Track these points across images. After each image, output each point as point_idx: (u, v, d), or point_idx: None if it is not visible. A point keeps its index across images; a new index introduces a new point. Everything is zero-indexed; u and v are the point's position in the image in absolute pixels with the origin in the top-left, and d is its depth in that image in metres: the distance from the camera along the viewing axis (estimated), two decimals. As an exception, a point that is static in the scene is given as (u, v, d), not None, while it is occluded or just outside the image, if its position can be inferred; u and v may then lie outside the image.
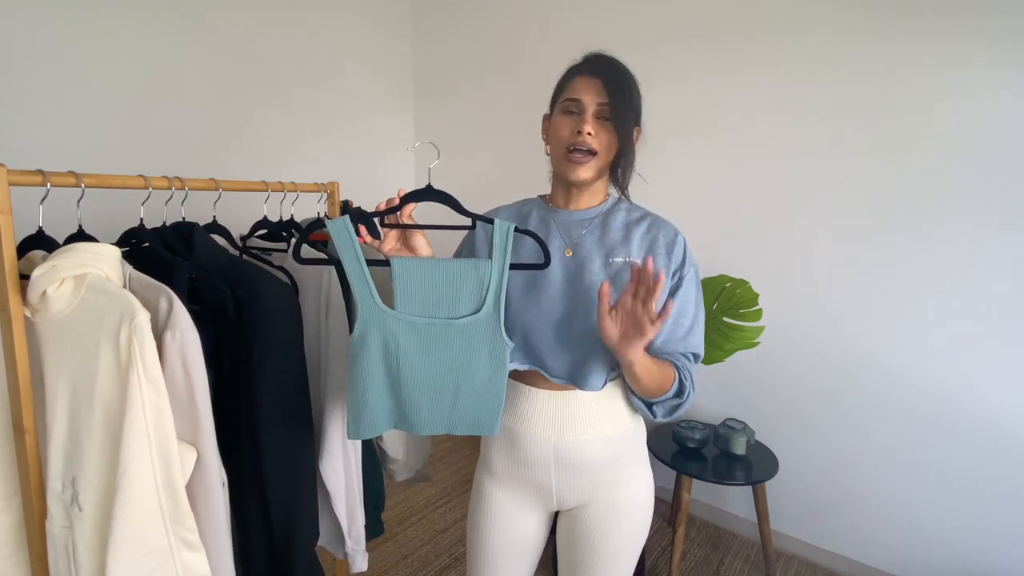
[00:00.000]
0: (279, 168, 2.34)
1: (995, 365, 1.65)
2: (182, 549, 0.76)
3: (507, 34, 2.68)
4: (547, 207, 0.99)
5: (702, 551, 2.08)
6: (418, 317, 0.82)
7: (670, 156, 2.17)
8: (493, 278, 0.82)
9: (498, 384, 0.87)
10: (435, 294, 0.82)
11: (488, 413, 0.88)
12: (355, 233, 0.80)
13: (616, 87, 0.85)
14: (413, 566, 1.93)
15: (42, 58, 1.71)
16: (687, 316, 0.92)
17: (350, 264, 0.80)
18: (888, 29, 1.71)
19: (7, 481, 0.83)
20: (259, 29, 2.29)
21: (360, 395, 0.84)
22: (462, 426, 0.89)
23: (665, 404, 0.91)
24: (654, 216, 0.96)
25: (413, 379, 0.84)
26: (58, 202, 0.91)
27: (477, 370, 0.85)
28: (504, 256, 0.82)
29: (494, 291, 0.82)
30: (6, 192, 0.75)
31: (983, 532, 1.71)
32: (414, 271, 0.81)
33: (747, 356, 1.91)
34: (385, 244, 0.87)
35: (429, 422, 0.87)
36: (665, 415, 0.92)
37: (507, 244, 0.82)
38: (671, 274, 0.91)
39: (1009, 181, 1.58)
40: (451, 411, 0.87)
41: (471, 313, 0.83)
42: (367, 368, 0.83)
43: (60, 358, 0.77)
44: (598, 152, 0.88)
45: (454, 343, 0.84)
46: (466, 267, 0.81)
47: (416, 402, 0.86)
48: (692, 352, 0.93)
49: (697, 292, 0.94)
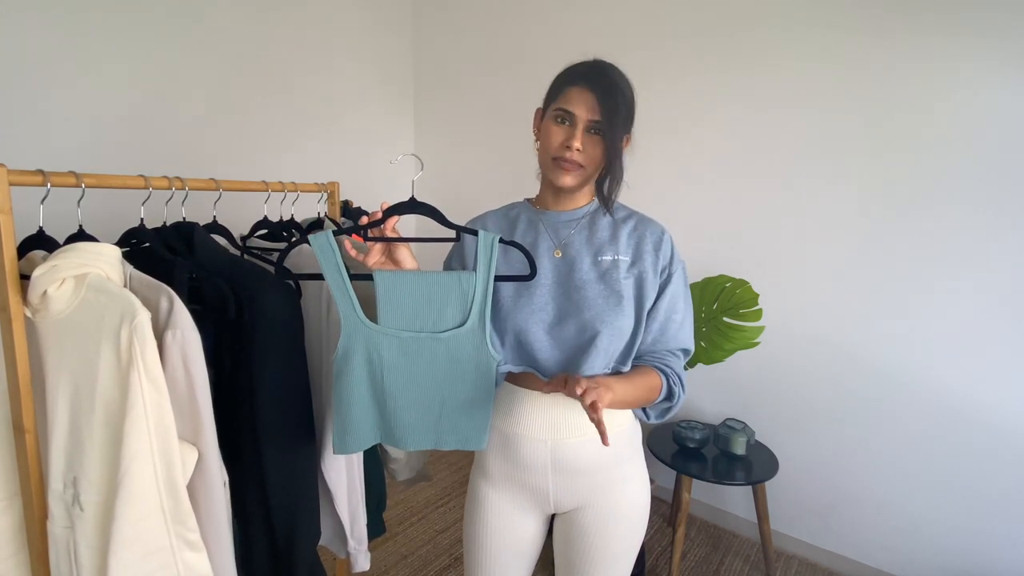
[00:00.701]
0: (279, 168, 2.34)
1: (995, 365, 1.65)
2: (183, 549, 0.76)
3: (507, 34, 2.68)
4: (535, 209, 0.99)
5: (702, 551, 2.08)
6: (403, 331, 0.82)
7: (670, 156, 2.18)
8: (478, 291, 0.82)
9: (485, 398, 0.86)
10: (419, 308, 0.82)
11: (475, 427, 0.88)
12: (337, 248, 0.80)
13: (609, 104, 0.84)
14: (413, 566, 1.93)
15: (42, 58, 1.71)
16: (677, 312, 0.93)
17: (332, 279, 0.81)
18: (887, 29, 1.71)
19: (8, 481, 0.83)
20: (259, 29, 2.29)
21: (345, 409, 0.84)
22: (449, 440, 0.89)
23: (656, 408, 0.94)
24: (640, 215, 0.97)
25: (398, 393, 0.84)
26: (58, 202, 0.91)
27: (463, 384, 0.85)
28: (489, 269, 0.82)
29: (479, 304, 0.82)
30: (6, 192, 0.75)
31: (983, 532, 1.71)
32: (397, 285, 0.81)
33: (747, 356, 1.91)
34: (369, 258, 0.87)
35: (415, 437, 0.88)
36: (658, 417, 0.95)
37: (492, 256, 0.82)
38: (659, 272, 0.92)
39: (1011, 181, 1.58)
40: (437, 425, 0.87)
41: (456, 326, 0.83)
42: (351, 383, 0.83)
43: (61, 358, 0.77)
44: (585, 166, 0.89)
45: (439, 357, 0.84)
46: (450, 280, 0.81)
47: (402, 416, 0.86)
48: (681, 348, 0.94)
49: (685, 289, 0.95)
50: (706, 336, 1.86)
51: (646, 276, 0.90)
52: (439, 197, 3.36)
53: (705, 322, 1.87)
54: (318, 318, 1.08)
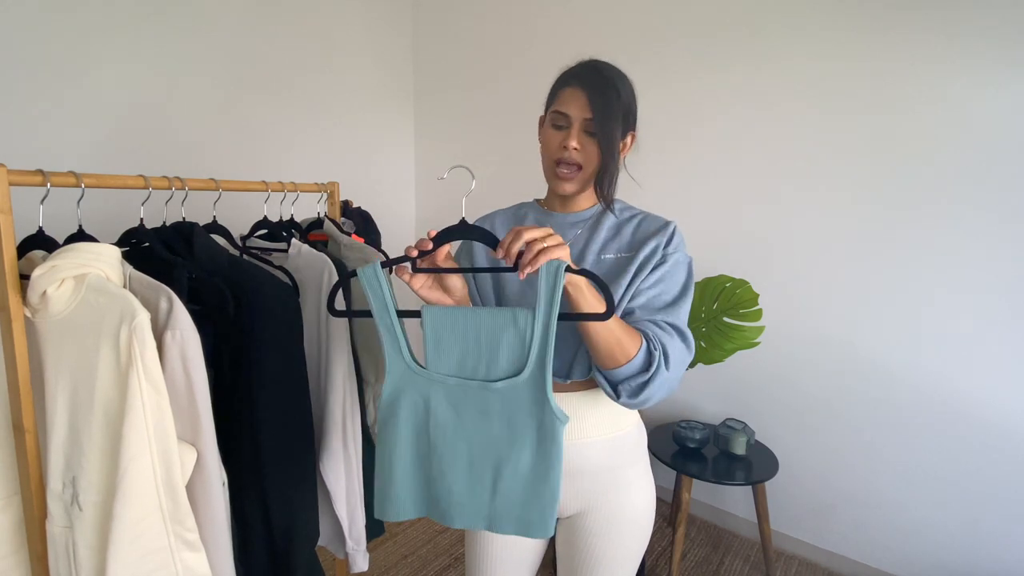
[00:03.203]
0: (279, 168, 2.34)
1: (995, 364, 1.65)
2: (182, 549, 0.76)
3: (508, 33, 2.68)
4: (543, 210, 0.99)
5: (702, 551, 2.08)
6: (451, 377, 0.71)
7: (670, 156, 2.18)
8: (537, 331, 0.67)
9: (549, 470, 0.70)
10: (468, 349, 0.70)
11: (538, 508, 0.71)
12: (386, 282, 0.72)
13: (601, 101, 0.84)
14: (413, 566, 1.93)
15: (42, 58, 1.71)
16: (669, 294, 0.86)
17: (380, 315, 0.72)
18: (888, 29, 1.71)
19: (7, 481, 0.83)
20: (259, 28, 2.29)
21: (387, 468, 0.75)
22: (505, 523, 0.73)
23: (631, 382, 0.77)
24: (646, 213, 0.96)
25: (444, 452, 0.72)
26: (58, 202, 0.91)
27: (521, 449, 0.70)
28: (551, 303, 0.66)
29: (538, 347, 0.68)
30: (6, 192, 0.75)
31: (983, 532, 1.71)
32: (446, 322, 0.69)
33: (747, 356, 1.91)
34: (415, 281, 0.78)
35: (464, 513, 0.74)
36: (630, 396, 0.77)
37: (556, 288, 0.65)
38: (656, 254, 0.87)
39: (1014, 181, 1.58)
40: (491, 500, 0.73)
41: (511, 375, 0.69)
42: (396, 436, 0.74)
43: (60, 358, 0.77)
44: (584, 166, 0.88)
45: (492, 412, 0.70)
46: (504, 317, 0.68)
47: (448, 483, 0.73)
48: (670, 322, 0.82)
49: (686, 279, 0.89)
50: (706, 336, 1.86)
51: (642, 263, 0.87)
52: (439, 197, 3.38)
53: (705, 322, 1.87)
54: (317, 318, 1.08)
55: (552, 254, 0.67)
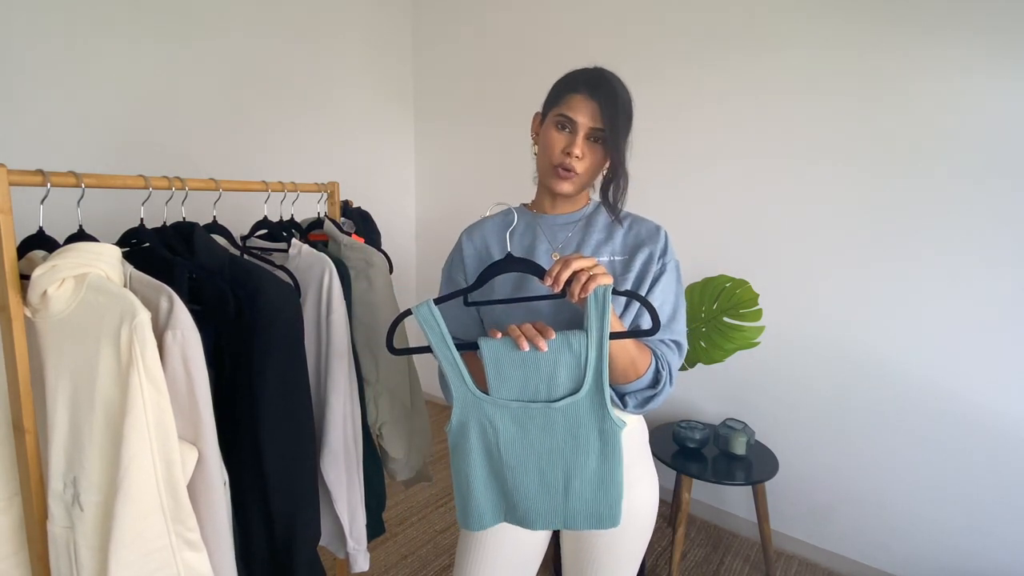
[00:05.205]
0: (279, 168, 2.34)
1: (995, 365, 1.65)
2: (183, 549, 0.76)
3: (507, 34, 2.68)
4: (531, 213, 1.00)
5: (702, 551, 2.08)
6: (514, 401, 0.77)
7: (670, 156, 2.18)
8: (591, 352, 0.74)
9: (613, 470, 0.80)
10: (528, 375, 0.76)
11: (607, 503, 0.81)
12: (441, 318, 0.77)
13: (613, 114, 0.85)
14: (413, 566, 1.93)
15: (42, 58, 1.71)
16: (668, 304, 0.91)
17: (440, 351, 0.78)
18: (890, 29, 1.71)
19: (8, 481, 0.83)
20: (259, 29, 2.29)
21: (465, 487, 0.82)
22: (579, 519, 0.82)
23: (638, 395, 0.86)
24: (634, 216, 0.97)
25: (517, 467, 0.80)
26: (58, 202, 0.91)
27: (587, 456, 0.79)
28: (601, 324, 0.73)
29: (593, 366, 0.75)
30: (6, 192, 0.75)
31: (983, 532, 1.71)
32: (503, 352, 0.75)
33: (747, 356, 1.91)
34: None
35: (540, 515, 0.82)
36: (637, 406, 0.87)
37: (605, 312, 0.72)
38: (652, 265, 0.91)
39: (1016, 181, 1.58)
40: (564, 503, 0.82)
41: (571, 393, 0.76)
42: (470, 459, 0.80)
43: (61, 358, 0.77)
44: (582, 173, 0.89)
45: (556, 428, 0.78)
46: (558, 342, 0.74)
47: (524, 493, 0.81)
48: (674, 339, 0.90)
49: (678, 285, 0.94)
50: (706, 336, 1.86)
51: (640, 272, 0.90)
52: (439, 198, 3.37)
53: (705, 322, 1.87)
54: (317, 318, 1.08)
55: (599, 281, 0.73)
